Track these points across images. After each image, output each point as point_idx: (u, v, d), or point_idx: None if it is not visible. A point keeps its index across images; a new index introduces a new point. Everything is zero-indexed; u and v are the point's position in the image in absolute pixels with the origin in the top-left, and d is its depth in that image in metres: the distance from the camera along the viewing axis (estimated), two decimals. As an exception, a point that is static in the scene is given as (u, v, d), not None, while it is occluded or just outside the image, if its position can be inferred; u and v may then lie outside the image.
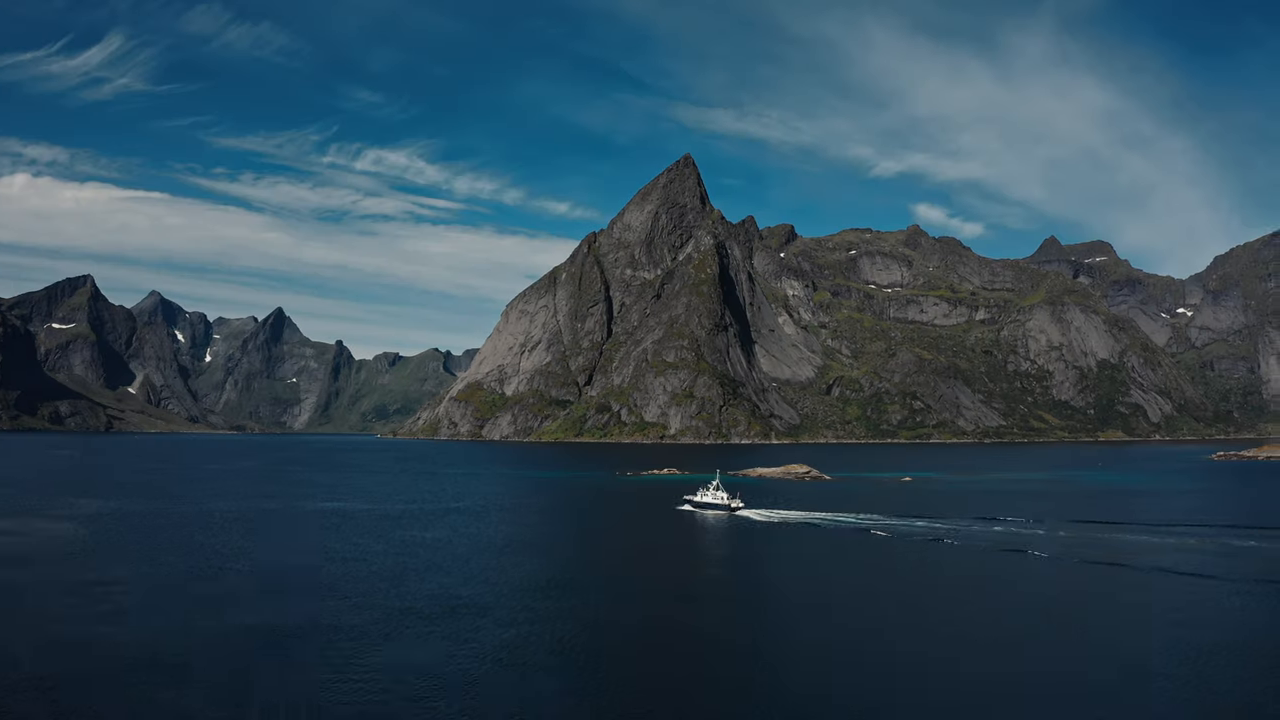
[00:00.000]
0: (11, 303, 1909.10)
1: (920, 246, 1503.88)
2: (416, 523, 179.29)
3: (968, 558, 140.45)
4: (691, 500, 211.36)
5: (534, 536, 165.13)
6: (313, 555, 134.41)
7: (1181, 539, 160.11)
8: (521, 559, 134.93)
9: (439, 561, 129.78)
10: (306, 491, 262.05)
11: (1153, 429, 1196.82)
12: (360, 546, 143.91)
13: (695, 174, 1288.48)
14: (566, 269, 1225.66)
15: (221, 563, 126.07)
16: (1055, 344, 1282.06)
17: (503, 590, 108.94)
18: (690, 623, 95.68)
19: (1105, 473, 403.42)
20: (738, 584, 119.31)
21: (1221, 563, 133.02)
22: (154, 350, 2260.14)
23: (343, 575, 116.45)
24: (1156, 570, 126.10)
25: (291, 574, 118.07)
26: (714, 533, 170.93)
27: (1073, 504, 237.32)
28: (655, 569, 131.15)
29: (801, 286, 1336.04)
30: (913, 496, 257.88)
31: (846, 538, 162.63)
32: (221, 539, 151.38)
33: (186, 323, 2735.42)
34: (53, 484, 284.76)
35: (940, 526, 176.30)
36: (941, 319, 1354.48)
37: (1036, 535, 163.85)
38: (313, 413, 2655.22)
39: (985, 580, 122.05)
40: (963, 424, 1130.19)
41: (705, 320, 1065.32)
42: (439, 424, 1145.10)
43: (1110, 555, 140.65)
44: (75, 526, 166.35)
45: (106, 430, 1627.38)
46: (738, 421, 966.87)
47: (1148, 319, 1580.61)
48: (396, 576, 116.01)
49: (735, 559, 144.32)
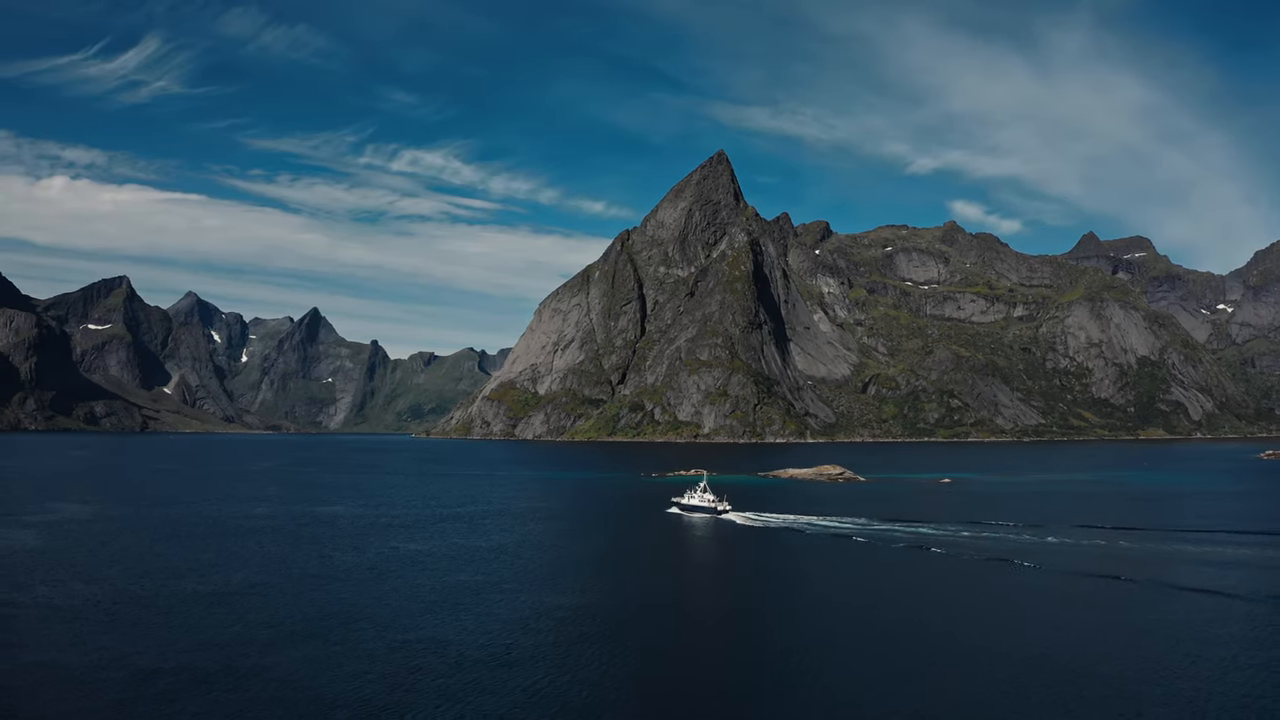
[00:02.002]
0: (47, 304, 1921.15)
1: (957, 243, 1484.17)
2: (403, 532, 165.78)
3: (1032, 580, 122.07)
4: (679, 503, 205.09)
5: (516, 547, 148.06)
6: (263, 573, 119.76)
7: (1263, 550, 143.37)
8: (489, 572, 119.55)
9: (402, 585, 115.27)
10: (305, 494, 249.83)
11: (1194, 427, 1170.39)
12: (328, 562, 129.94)
13: (729, 170, 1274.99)
14: (600, 267, 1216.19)
15: (145, 584, 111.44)
16: (1094, 341, 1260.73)
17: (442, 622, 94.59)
18: (603, 632, 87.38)
19: (1154, 473, 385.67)
20: (669, 595, 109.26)
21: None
22: (189, 351, 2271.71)
23: (276, 601, 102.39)
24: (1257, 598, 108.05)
25: (214, 600, 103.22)
26: (690, 538, 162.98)
27: (1131, 509, 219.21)
28: (609, 576, 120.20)
29: (837, 283, 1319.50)
30: (954, 499, 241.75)
31: (848, 545, 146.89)
32: (175, 553, 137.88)
33: (223, 323, 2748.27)
34: (44, 487, 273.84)
35: (989, 536, 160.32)
36: (979, 316, 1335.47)
37: (1097, 547, 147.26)
38: (348, 413, 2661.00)
39: (1064, 613, 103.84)
40: (1001, 422, 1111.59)
41: (739, 318, 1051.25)
42: (472, 423, 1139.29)
43: (1198, 579, 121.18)
44: (23, 534, 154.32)
45: (141, 430, 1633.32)
46: (772, 420, 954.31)
47: (1188, 315, 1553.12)
48: (337, 603, 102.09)
49: (696, 567, 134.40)
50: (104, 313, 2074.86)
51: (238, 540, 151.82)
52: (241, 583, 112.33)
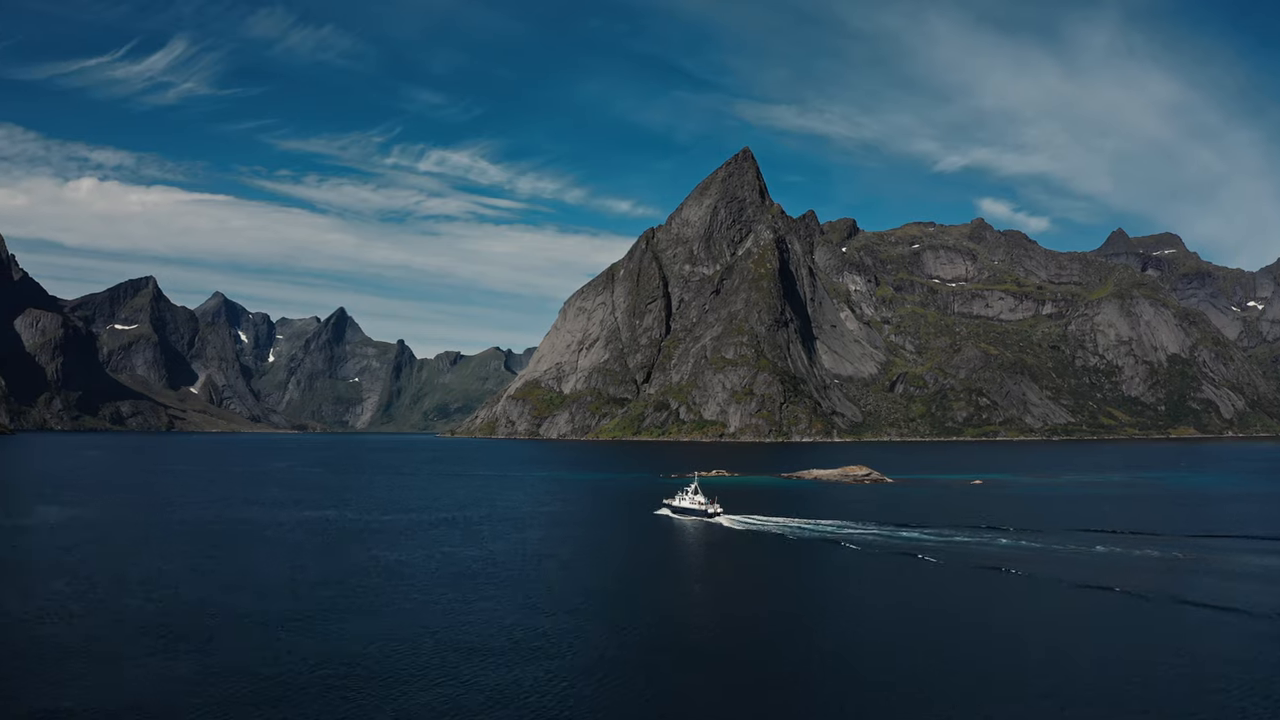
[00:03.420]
0: (74, 304, 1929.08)
1: (985, 240, 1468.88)
2: (389, 538, 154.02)
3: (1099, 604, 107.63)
4: (669, 504, 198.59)
5: (503, 558, 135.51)
6: (203, 588, 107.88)
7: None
8: (463, 588, 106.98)
9: (359, 602, 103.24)
10: (301, 497, 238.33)
11: (1225, 425, 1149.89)
12: (286, 575, 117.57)
13: (754, 168, 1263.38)
14: (624, 265, 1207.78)
15: (76, 600, 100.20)
16: (1124, 338, 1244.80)
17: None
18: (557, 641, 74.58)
19: (1195, 474, 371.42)
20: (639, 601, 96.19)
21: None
22: (216, 351, 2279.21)
23: (192, 623, 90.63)
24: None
25: (151, 620, 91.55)
26: (673, 544, 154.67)
27: (1191, 514, 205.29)
28: (577, 596, 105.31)
29: (864, 281, 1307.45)
30: (987, 503, 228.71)
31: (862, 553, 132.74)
32: (121, 564, 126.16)
33: (250, 323, 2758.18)
34: (36, 487, 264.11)
35: (1030, 545, 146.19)
36: (1007, 313, 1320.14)
37: (1166, 561, 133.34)
38: (374, 412, 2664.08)
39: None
40: (1030, 421, 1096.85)
41: (765, 316, 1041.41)
42: (496, 422, 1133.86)
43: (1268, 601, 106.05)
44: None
45: (168, 430, 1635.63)
46: (799, 419, 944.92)
47: (1218, 312, 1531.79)
48: (271, 619, 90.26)
49: (675, 577, 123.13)
50: (130, 313, 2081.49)
51: (202, 548, 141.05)
52: (165, 602, 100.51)
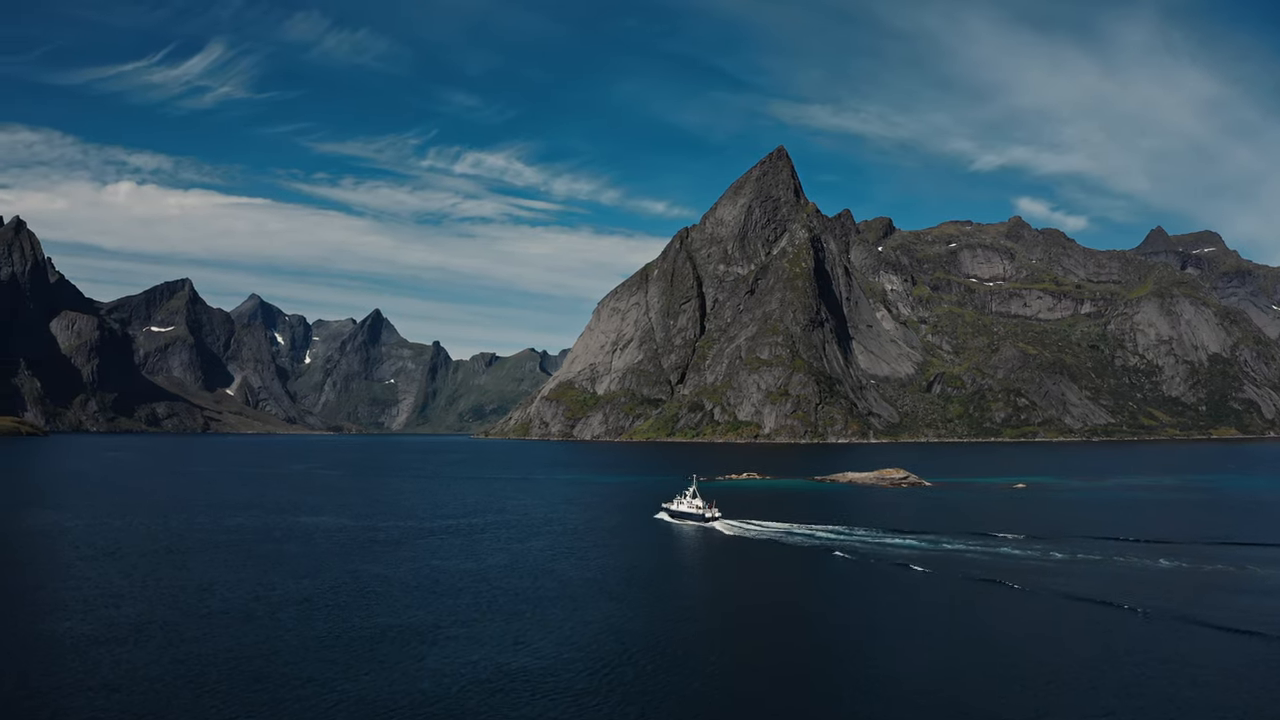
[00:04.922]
0: (110, 306, 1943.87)
1: (1023, 239, 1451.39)
2: (379, 549, 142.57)
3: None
4: (667, 509, 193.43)
5: (498, 574, 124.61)
6: (156, 604, 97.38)
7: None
8: (438, 609, 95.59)
9: (312, 632, 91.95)
10: (303, 502, 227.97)
11: (1267, 426, 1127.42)
12: (253, 591, 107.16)
13: (789, 166, 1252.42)
14: (658, 265, 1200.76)
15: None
16: (1164, 338, 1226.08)
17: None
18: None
19: (1246, 476, 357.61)
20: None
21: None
22: (252, 352, 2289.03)
23: (133, 648, 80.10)
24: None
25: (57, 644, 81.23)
26: (665, 553, 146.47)
27: (1260, 522, 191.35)
28: (556, 622, 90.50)
29: (900, 281, 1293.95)
30: (1033, 508, 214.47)
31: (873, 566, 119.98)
32: (89, 573, 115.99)
33: (286, 325, 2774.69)
34: (41, 490, 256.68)
35: (1088, 559, 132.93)
36: (1046, 313, 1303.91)
37: (1246, 577, 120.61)
38: (410, 413, 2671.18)
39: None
40: (1069, 422, 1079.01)
41: (800, 316, 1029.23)
42: (530, 424, 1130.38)
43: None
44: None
45: (203, 431, 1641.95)
46: (834, 420, 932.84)
47: (1259, 311, 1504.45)
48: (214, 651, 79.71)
49: (656, 597, 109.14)
50: (166, 315, 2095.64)
51: (175, 558, 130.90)
52: (109, 620, 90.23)
